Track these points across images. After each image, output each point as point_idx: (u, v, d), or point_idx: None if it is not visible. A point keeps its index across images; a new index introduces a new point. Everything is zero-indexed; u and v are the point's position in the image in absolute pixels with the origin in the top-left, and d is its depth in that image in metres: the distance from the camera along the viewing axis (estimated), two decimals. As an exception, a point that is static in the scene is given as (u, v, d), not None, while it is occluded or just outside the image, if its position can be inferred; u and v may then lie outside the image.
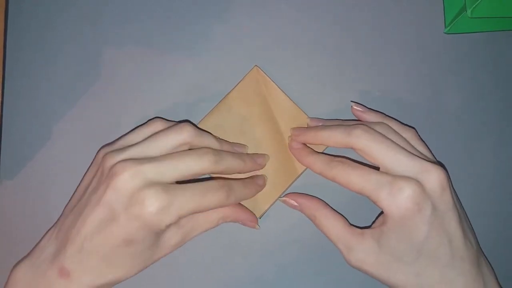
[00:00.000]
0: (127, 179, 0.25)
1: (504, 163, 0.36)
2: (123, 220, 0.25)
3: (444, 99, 0.36)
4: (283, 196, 0.33)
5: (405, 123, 0.33)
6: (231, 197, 0.29)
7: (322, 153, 0.33)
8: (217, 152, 0.28)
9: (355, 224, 0.31)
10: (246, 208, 0.33)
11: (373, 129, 0.29)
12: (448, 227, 0.27)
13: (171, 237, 0.28)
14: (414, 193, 0.26)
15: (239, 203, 0.32)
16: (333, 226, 0.30)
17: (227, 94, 0.34)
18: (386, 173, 0.28)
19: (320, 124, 0.34)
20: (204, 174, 0.28)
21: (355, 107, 0.34)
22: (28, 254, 0.28)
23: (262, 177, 0.33)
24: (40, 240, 0.29)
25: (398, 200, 0.26)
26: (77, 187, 0.30)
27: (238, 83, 0.34)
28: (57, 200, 0.35)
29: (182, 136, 0.28)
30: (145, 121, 0.35)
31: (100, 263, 0.26)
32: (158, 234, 0.27)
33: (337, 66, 0.36)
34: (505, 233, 0.36)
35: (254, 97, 0.34)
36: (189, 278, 0.34)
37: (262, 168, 0.33)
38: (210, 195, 0.27)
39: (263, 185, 0.33)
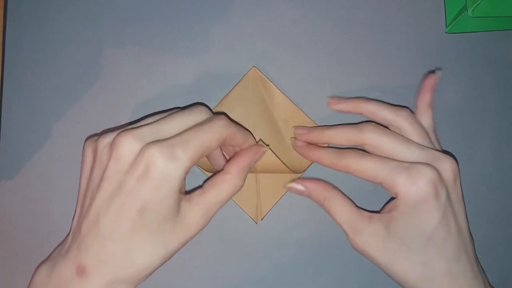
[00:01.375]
0: (126, 145, 0.24)
1: (504, 162, 0.36)
2: (131, 185, 0.23)
3: (444, 98, 0.36)
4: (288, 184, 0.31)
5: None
6: (232, 127, 0.27)
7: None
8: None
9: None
10: (248, 151, 0.29)
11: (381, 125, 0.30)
12: (458, 217, 0.27)
13: (188, 214, 0.26)
14: (433, 177, 0.26)
15: (241, 156, 0.29)
16: (341, 208, 0.29)
17: (226, 95, 0.34)
18: (401, 161, 0.28)
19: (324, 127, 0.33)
20: (215, 143, 0.26)
21: (330, 101, 0.33)
22: (49, 256, 0.27)
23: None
24: (60, 244, 0.28)
25: (418, 182, 0.26)
26: (79, 186, 0.28)
27: (236, 84, 0.34)
28: (57, 200, 0.35)
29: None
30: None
31: (116, 250, 0.24)
32: (173, 200, 0.24)
33: (337, 66, 0.36)
34: (504, 232, 0.36)
35: (253, 98, 0.34)
36: (189, 278, 0.34)
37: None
38: (208, 125, 0.26)
39: (262, 152, 0.31)
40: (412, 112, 0.31)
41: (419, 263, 0.27)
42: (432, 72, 0.33)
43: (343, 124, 0.32)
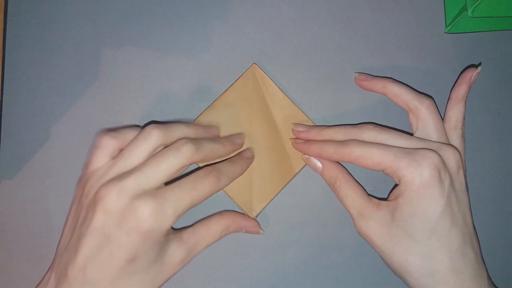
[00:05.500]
0: (114, 199, 0.24)
1: (504, 163, 0.36)
2: (121, 238, 0.24)
3: (444, 99, 0.36)
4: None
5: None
6: (222, 179, 0.28)
7: None
8: (194, 140, 0.27)
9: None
10: (246, 216, 0.33)
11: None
12: (462, 207, 0.27)
13: (175, 253, 0.27)
14: (437, 161, 0.26)
15: (239, 213, 0.32)
16: (351, 193, 0.30)
17: (225, 90, 0.34)
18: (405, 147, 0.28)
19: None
20: (188, 165, 0.28)
21: (358, 77, 0.33)
22: None
23: (249, 149, 0.33)
24: (38, 286, 0.27)
25: (422, 166, 0.26)
26: (64, 227, 0.29)
27: (237, 79, 0.34)
28: (56, 200, 0.35)
29: (152, 142, 0.27)
30: (145, 121, 0.35)
31: None
32: (161, 245, 0.26)
33: (337, 65, 0.36)
34: (504, 232, 0.36)
35: (252, 94, 0.34)
36: (190, 278, 0.34)
37: (241, 147, 0.33)
38: (200, 184, 0.27)
39: (252, 157, 0.33)
40: (435, 102, 0.31)
41: (422, 255, 0.27)
42: (471, 66, 0.32)
43: (342, 124, 0.32)
